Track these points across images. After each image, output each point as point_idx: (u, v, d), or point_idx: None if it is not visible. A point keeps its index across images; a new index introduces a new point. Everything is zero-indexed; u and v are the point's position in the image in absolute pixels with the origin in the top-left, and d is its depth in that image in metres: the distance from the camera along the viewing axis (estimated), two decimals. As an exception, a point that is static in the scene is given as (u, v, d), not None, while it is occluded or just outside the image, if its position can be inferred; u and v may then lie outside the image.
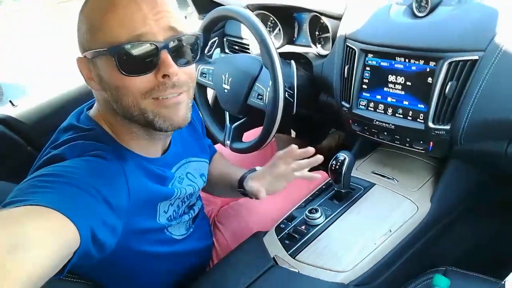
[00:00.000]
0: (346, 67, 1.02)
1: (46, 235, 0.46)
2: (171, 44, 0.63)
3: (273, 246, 0.90)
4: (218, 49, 1.37)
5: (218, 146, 1.32)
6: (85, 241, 0.51)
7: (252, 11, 1.39)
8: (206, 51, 1.25)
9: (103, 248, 0.57)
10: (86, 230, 0.52)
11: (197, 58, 0.70)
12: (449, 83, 0.82)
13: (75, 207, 0.52)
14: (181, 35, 0.64)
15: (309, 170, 1.62)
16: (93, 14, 0.63)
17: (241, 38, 1.56)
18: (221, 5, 1.41)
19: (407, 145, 0.95)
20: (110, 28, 0.60)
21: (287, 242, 0.89)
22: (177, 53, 0.65)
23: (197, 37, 0.68)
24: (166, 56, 0.62)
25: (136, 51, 0.60)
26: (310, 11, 1.21)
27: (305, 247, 0.86)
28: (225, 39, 1.66)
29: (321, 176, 1.18)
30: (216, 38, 1.61)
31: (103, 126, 0.70)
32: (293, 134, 1.95)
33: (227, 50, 1.67)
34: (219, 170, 1.05)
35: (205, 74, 1.21)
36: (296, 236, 0.90)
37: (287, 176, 0.92)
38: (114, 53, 0.60)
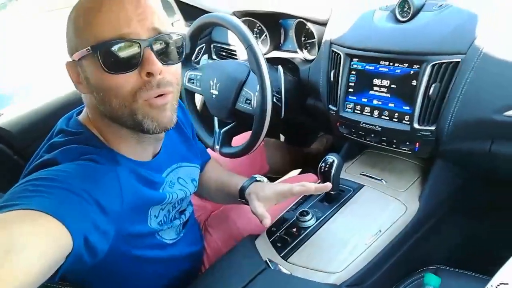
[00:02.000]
0: (332, 72, 1.04)
1: (39, 239, 0.46)
2: (155, 43, 0.64)
3: (265, 249, 0.90)
4: (206, 55, 1.38)
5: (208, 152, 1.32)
6: (78, 246, 0.51)
7: (239, 18, 1.41)
8: (193, 58, 1.26)
9: (95, 253, 0.57)
10: (78, 234, 0.52)
11: (182, 57, 0.70)
12: (433, 85, 0.84)
13: (68, 212, 0.52)
14: (165, 35, 0.65)
15: (300, 173, 1.65)
16: (79, 16, 0.64)
17: (228, 45, 1.57)
18: (208, 12, 1.42)
19: (394, 146, 0.97)
20: (95, 28, 0.61)
21: (279, 245, 0.90)
22: (161, 52, 0.65)
23: (181, 37, 0.69)
24: (149, 53, 0.63)
25: (119, 48, 0.61)
26: (295, 17, 1.23)
27: (297, 249, 0.87)
28: (212, 46, 1.67)
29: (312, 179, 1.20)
30: (204, 44, 1.63)
31: (92, 130, 0.70)
32: (282, 138, 1.96)
33: (214, 56, 1.68)
34: (215, 178, 1.05)
35: (193, 80, 1.22)
36: (288, 239, 0.90)
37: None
38: (97, 50, 0.61)
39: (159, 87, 0.65)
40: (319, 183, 1.01)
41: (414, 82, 0.88)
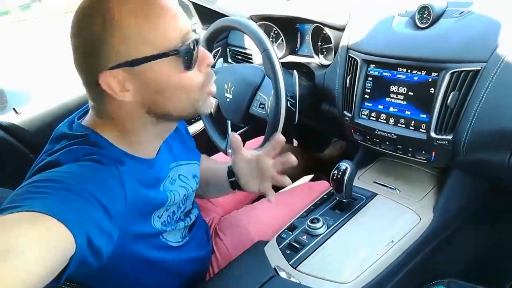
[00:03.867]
0: (348, 77, 1.03)
1: (41, 241, 0.46)
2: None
3: (274, 256, 0.89)
4: (221, 59, 1.39)
5: (217, 156, 1.32)
6: (81, 247, 0.51)
7: (255, 22, 1.41)
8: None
9: (99, 255, 0.57)
10: (81, 236, 0.51)
11: None
12: (451, 93, 0.82)
13: (71, 213, 0.52)
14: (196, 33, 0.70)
15: (311, 180, 1.63)
16: (129, 24, 0.60)
17: (244, 48, 1.57)
18: (225, 16, 1.43)
19: (409, 155, 0.95)
20: (162, 32, 0.61)
21: (288, 252, 0.89)
22: None
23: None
24: (201, 48, 0.68)
25: (189, 47, 0.64)
26: (312, 22, 1.22)
27: (307, 258, 0.86)
28: (228, 49, 1.68)
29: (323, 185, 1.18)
30: (220, 48, 1.63)
31: (99, 131, 0.69)
32: (295, 143, 1.95)
33: (230, 60, 1.68)
34: (205, 168, 1.03)
35: (208, 83, 1.22)
36: (298, 246, 0.89)
37: (264, 176, 0.88)
38: (176, 53, 0.62)
39: (213, 76, 0.72)
40: (331, 190, 0.99)
41: (432, 90, 0.86)
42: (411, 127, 0.91)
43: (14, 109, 1.40)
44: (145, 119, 0.69)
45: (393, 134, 0.94)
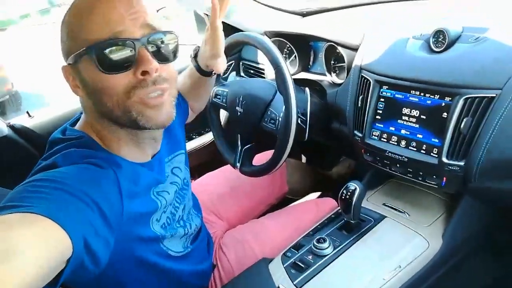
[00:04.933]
0: (360, 97, 1.02)
1: (38, 242, 0.46)
2: (149, 42, 0.64)
3: (279, 274, 0.88)
4: (234, 72, 1.39)
5: (225, 169, 1.32)
6: (78, 250, 0.51)
7: (270, 38, 1.42)
8: (221, 74, 1.27)
9: (96, 259, 0.56)
10: (78, 238, 0.51)
11: (176, 56, 0.71)
12: (465, 119, 0.81)
13: (68, 215, 0.52)
14: (157, 31, 0.66)
15: (319, 196, 1.62)
16: (72, 20, 0.65)
17: (257, 63, 1.58)
18: (240, 30, 1.44)
19: (419, 179, 0.94)
20: (88, 29, 0.62)
21: (293, 271, 0.87)
22: (156, 51, 0.66)
23: (175, 35, 0.69)
24: (144, 52, 0.63)
25: (114, 48, 0.61)
26: (326, 40, 1.23)
27: (312, 278, 0.84)
28: (241, 63, 1.69)
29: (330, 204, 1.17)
30: (233, 61, 1.64)
31: (91, 135, 0.70)
32: (304, 159, 1.94)
33: (242, 74, 1.69)
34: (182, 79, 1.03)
35: (219, 96, 1.23)
36: (303, 266, 0.88)
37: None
38: (92, 51, 0.61)
39: (155, 84, 0.65)
40: (339, 210, 0.98)
41: (445, 115, 0.85)
42: (422, 151, 0.90)
43: (27, 112, 1.42)
44: (105, 121, 0.69)
45: (404, 157, 0.93)
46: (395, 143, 0.95)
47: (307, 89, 1.16)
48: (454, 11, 1.09)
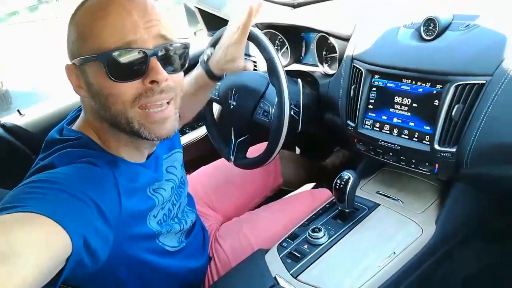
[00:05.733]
0: (352, 87, 1.03)
1: (38, 242, 0.46)
2: (160, 52, 0.64)
3: (275, 265, 0.88)
4: (226, 65, 1.38)
5: (219, 162, 1.32)
6: (77, 248, 0.51)
7: (261, 30, 1.41)
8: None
9: (95, 256, 0.57)
10: (78, 236, 0.51)
11: (185, 66, 0.71)
12: (456, 106, 0.82)
13: (67, 214, 0.52)
14: (170, 43, 0.65)
15: (314, 187, 1.63)
16: (83, 21, 0.64)
17: (249, 55, 1.58)
18: (231, 22, 1.43)
19: (412, 166, 0.95)
20: (100, 35, 0.61)
21: (289, 261, 0.88)
22: (166, 61, 0.66)
23: (186, 45, 0.69)
24: (155, 63, 0.63)
25: (126, 57, 0.61)
26: (318, 31, 1.22)
27: (307, 267, 0.85)
28: (233, 56, 1.68)
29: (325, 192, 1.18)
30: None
31: (90, 135, 0.70)
32: (298, 150, 1.95)
33: (234, 67, 1.68)
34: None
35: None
36: (298, 255, 0.88)
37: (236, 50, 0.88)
38: (104, 59, 0.61)
39: (161, 93, 0.65)
40: (333, 199, 0.99)
41: (436, 102, 0.86)
42: (414, 139, 0.91)
43: (18, 110, 1.40)
44: (107, 124, 0.69)
45: (396, 145, 0.94)
46: (388, 132, 0.96)
47: (299, 80, 1.16)
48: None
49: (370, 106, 1.00)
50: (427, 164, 0.91)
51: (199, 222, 1.02)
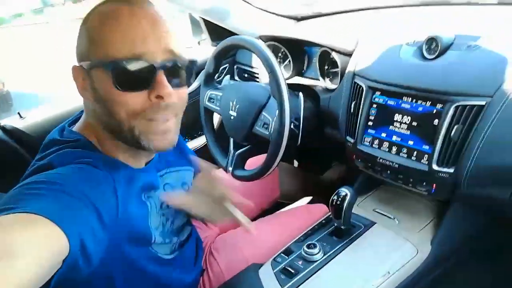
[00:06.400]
0: (353, 103, 1.03)
1: (35, 243, 0.45)
2: (168, 66, 0.64)
3: (268, 280, 0.88)
4: (228, 76, 1.39)
5: (218, 172, 1.31)
6: (74, 250, 0.50)
7: (264, 42, 1.42)
8: (216, 77, 1.27)
9: (90, 259, 0.56)
10: (75, 238, 0.51)
11: (190, 81, 0.71)
12: (455, 126, 0.82)
13: (65, 215, 0.51)
14: (178, 58, 0.66)
15: (310, 202, 1.62)
16: (95, 26, 0.64)
17: (251, 67, 1.58)
18: (235, 34, 1.44)
19: (410, 185, 0.94)
20: (111, 42, 0.62)
21: (282, 277, 0.87)
22: (173, 75, 0.66)
23: (193, 62, 0.70)
24: (162, 77, 0.63)
25: (134, 68, 0.61)
26: (320, 46, 1.23)
27: (301, 284, 0.84)
28: (235, 67, 1.69)
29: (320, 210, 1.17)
30: (227, 65, 1.64)
31: (89, 137, 0.70)
32: (296, 164, 1.94)
33: (236, 77, 1.69)
34: None
35: (213, 99, 1.23)
36: (293, 271, 0.88)
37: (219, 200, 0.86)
38: (111, 67, 0.61)
39: (165, 109, 0.65)
40: (330, 215, 0.98)
41: (436, 122, 0.86)
42: (413, 158, 0.91)
43: (18, 113, 1.40)
44: (107, 129, 0.69)
45: (394, 163, 0.94)
46: (387, 150, 0.96)
47: (300, 94, 1.17)
48: (447, 18, 1.10)
49: (370, 123, 0.99)
50: (424, 183, 0.90)
51: (194, 233, 1.01)
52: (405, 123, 0.92)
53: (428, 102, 0.88)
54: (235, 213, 0.87)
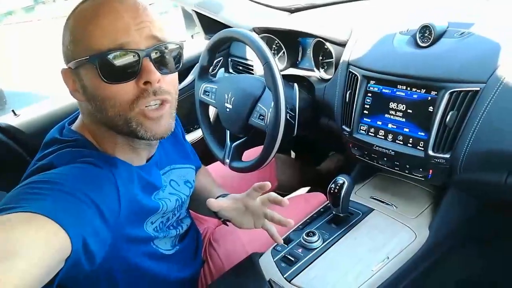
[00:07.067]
0: (348, 92, 1.03)
1: (37, 242, 0.45)
2: (153, 52, 0.64)
3: (269, 268, 0.89)
4: (222, 69, 1.39)
5: (215, 165, 1.32)
6: (76, 249, 0.51)
7: (258, 34, 1.42)
8: (210, 70, 1.27)
9: (92, 257, 0.56)
10: (77, 237, 0.51)
11: (180, 67, 0.71)
12: (450, 113, 0.82)
13: (67, 214, 0.52)
14: (163, 43, 0.66)
15: (308, 191, 1.63)
16: (76, 25, 0.64)
17: (246, 59, 1.58)
18: (228, 26, 1.44)
19: (406, 172, 0.95)
20: (93, 37, 0.62)
21: (283, 265, 0.88)
22: (159, 62, 0.66)
23: (179, 46, 0.69)
24: (147, 63, 0.63)
25: (118, 59, 0.61)
26: (314, 36, 1.23)
27: (301, 271, 0.85)
28: (229, 59, 1.69)
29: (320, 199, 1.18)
30: (221, 58, 1.64)
31: (87, 137, 0.70)
32: (293, 155, 1.95)
33: (231, 70, 1.69)
34: (201, 185, 1.04)
35: (208, 92, 1.22)
36: (293, 259, 0.89)
37: (255, 214, 0.87)
38: (95, 61, 0.61)
39: (155, 94, 0.65)
40: (328, 204, 0.99)
41: (431, 108, 0.86)
42: (409, 144, 0.92)
43: (13, 110, 1.40)
44: (104, 127, 0.69)
45: (391, 151, 0.94)
46: (382, 137, 0.97)
47: (295, 84, 1.17)
48: (441, 6, 1.10)
49: (365, 112, 1.00)
50: (421, 169, 0.92)
51: (193, 226, 1.02)
52: (400, 110, 0.93)
53: (422, 89, 0.88)
54: (271, 230, 0.88)
